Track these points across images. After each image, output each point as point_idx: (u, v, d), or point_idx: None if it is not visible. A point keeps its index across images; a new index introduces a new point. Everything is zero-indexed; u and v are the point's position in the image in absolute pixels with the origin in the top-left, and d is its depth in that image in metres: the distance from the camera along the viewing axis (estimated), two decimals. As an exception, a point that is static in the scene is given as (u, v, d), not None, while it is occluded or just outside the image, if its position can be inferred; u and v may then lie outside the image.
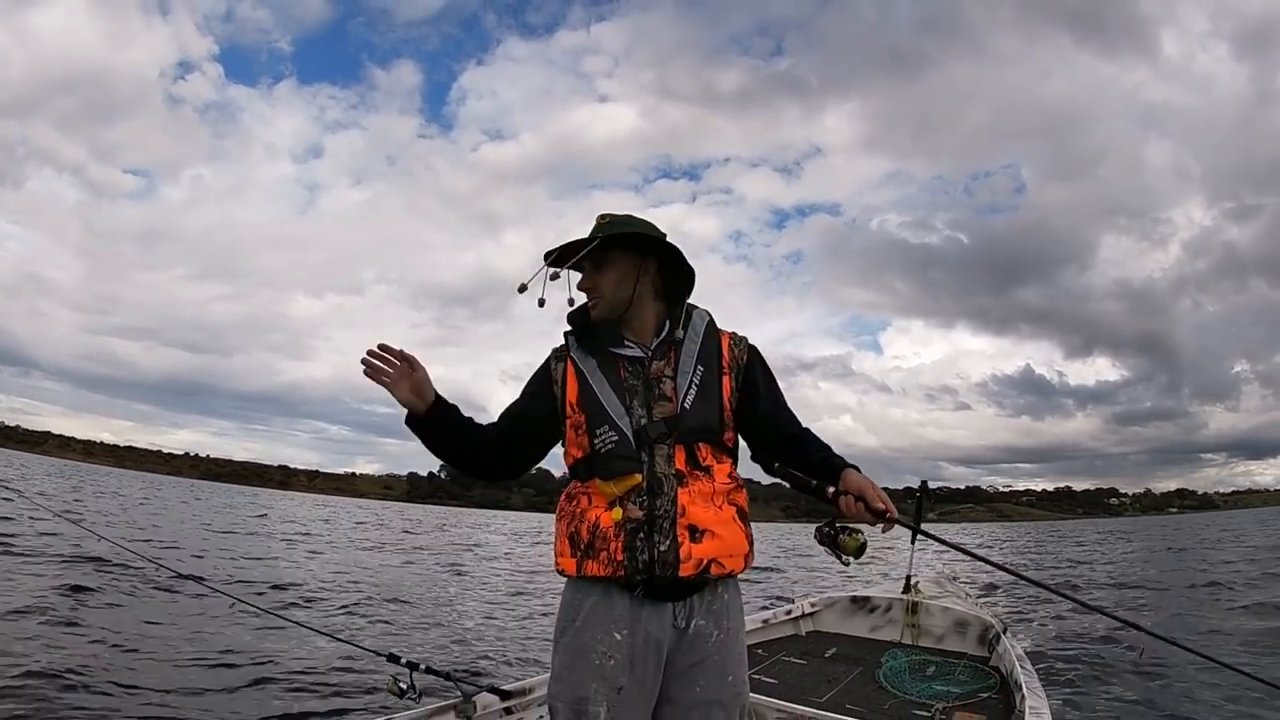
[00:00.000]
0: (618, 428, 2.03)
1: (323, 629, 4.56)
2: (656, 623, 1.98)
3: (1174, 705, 5.97)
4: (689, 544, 1.97)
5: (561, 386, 2.12)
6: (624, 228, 2.11)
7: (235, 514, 33.28)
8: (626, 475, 1.99)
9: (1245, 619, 9.92)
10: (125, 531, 16.85)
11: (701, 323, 2.20)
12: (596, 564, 1.99)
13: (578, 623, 2.01)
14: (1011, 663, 4.22)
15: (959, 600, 5.48)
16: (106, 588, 8.69)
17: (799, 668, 4.58)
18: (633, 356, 2.12)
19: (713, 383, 2.12)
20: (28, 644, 6.02)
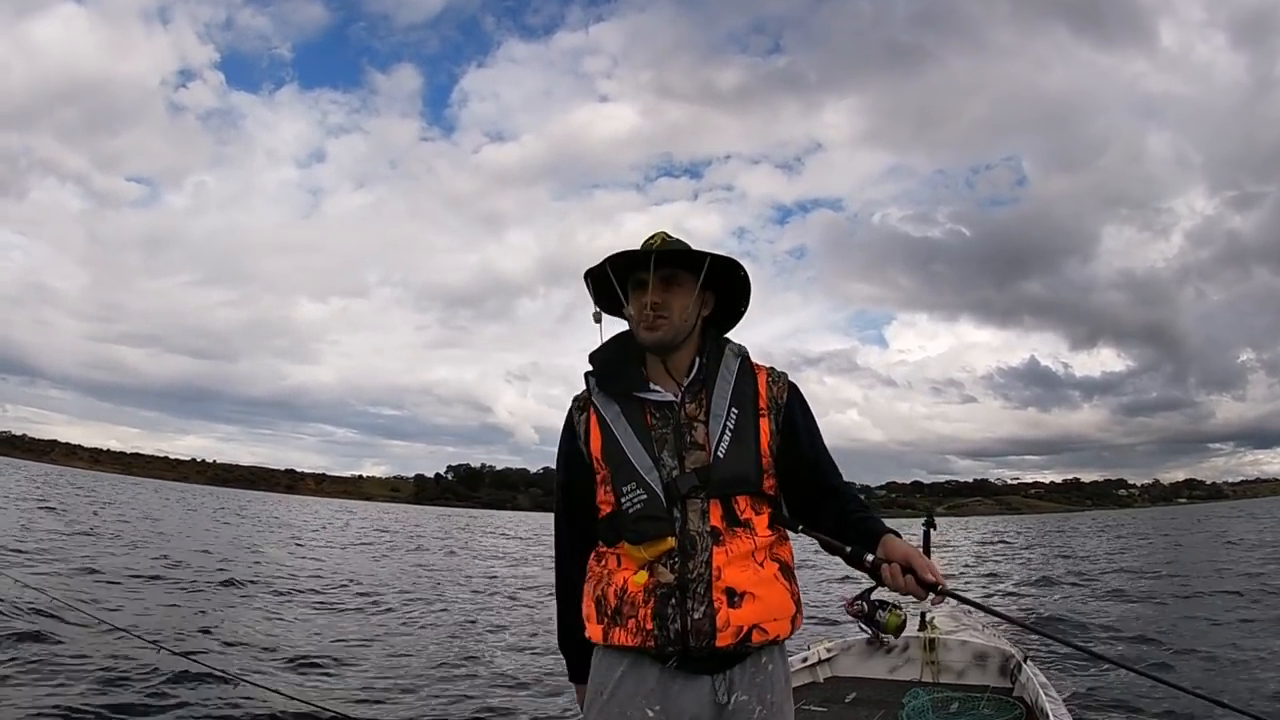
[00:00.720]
0: (646, 484, 1.82)
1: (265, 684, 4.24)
2: (693, 698, 1.80)
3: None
4: (726, 609, 1.77)
5: (585, 440, 1.94)
6: (695, 250, 1.90)
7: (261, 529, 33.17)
8: (658, 539, 1.79)
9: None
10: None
11: (735, 359, 1.97)
12: (624, 632, 1.80)
13: (605, 695, 1.83)
14: (1035, 692, 4.14)
15: (976, 632, 5.39)
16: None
17: (820, 716, 4.48)
18: (660, 401, 1.91)
19: (748, 426, 1.89)
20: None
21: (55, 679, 5.95)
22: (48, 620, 7.48)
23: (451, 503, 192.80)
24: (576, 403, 2.01)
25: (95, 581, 10.86)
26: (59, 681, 5.89)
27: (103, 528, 21.01)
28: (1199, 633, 9.67)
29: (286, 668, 7.26)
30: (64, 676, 6.01)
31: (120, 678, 6.07)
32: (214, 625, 8.77)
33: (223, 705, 5.68)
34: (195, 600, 10.57)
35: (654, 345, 1.91)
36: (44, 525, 18.83)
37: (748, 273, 1.96)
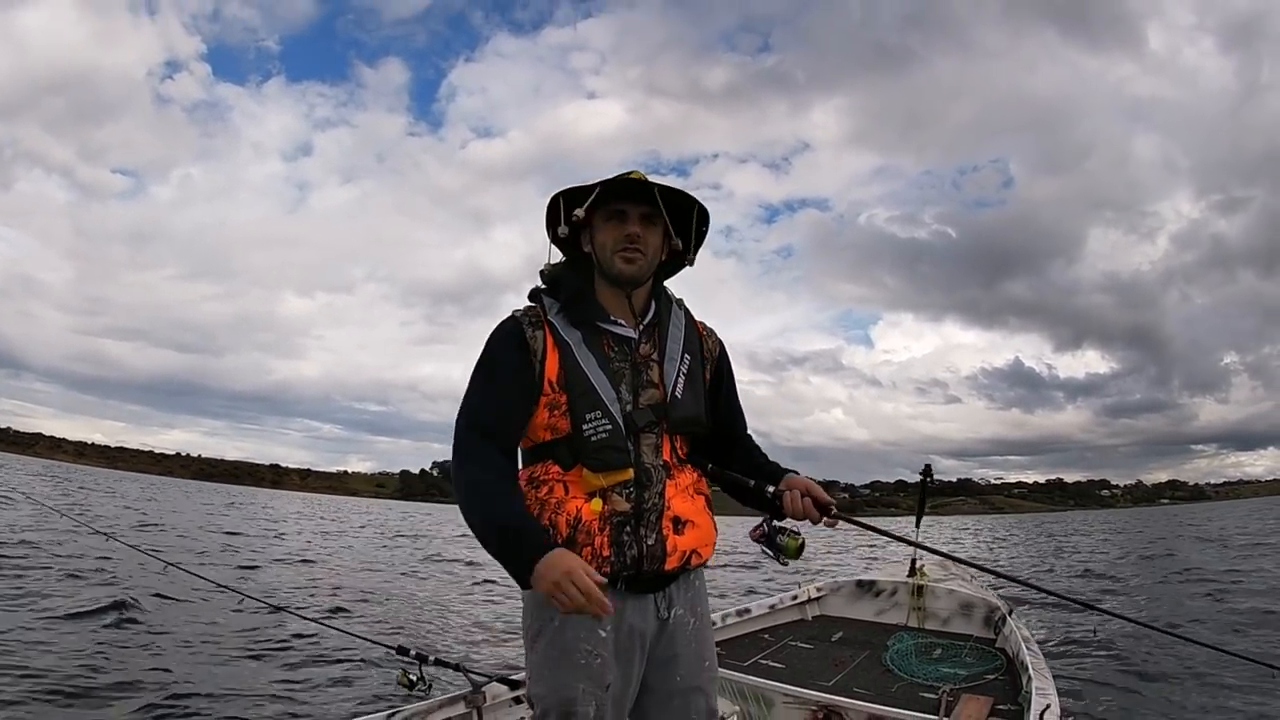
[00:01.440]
0: (610, 415, 1.87)
1: (325, 621, 4.57)
2: (640, 616, 1.91)
3: (1175, 683, 6.03)
4: (674, 536, 1.91)
5: (541, 359, 1.89)
6: (687, 192, 1.94)
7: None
8: (620, 469, 1.87)
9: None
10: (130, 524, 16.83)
11: (680, 309, 2.10)
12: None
13: (556, 621, 1.84)
14: (1017, 644, 4.22)
15: (964, 583, 5.49)
16: (124, 590, 8.59)
17: (806, 652, 4.59)
18: (621, 335, 1.96)
19: (698, 372, 2.03)
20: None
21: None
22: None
23: (437, 499, 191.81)
24: (528, 318, 1.94)
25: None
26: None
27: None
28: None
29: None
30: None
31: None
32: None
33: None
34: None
35: (628, 278, 1.94)
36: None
37: (709, 221, 2.04)
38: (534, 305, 1.98)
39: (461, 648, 7.03)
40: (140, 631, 6.74)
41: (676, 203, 1.95)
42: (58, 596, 7.82)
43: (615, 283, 1.96)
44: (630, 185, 1.91)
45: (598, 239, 1.96)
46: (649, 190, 1.90)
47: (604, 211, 1.94)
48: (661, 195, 1.90)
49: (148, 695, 5.01)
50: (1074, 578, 14.33)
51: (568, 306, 1.95)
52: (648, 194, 1.90)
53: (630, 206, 1.92)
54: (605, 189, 1.91)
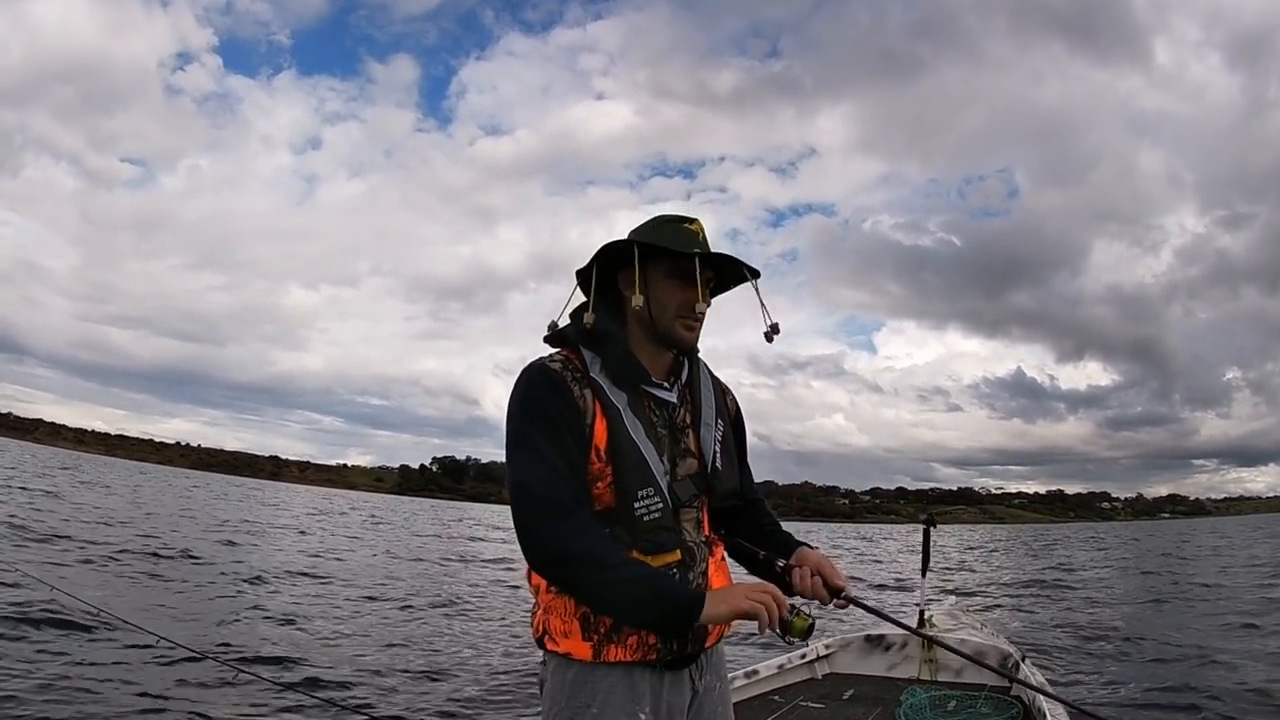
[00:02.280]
0: (661, 493, 1.71)
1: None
2: (677, 693, 1.79)
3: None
4: None
5: (590, 423, 1.69)
6: (756, 270, 1.82)
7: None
8: (670, 550, 1.72)
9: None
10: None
11: (706, 368, 1.95)
12: (622, 649, 1.69)
13: (594, 709, 1.69)
14: (1033, 691, 4.11)
15: (974, 631, 5.37)
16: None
17: (817, 712, 4.44)
18: (662, 399, 1.80)
19: (730, 438, 1.91)
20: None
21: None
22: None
23: (435, 494, 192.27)
24: (569, 370, 1.74)
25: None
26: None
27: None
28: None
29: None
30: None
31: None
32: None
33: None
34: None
35: (687, 346, 1.81)
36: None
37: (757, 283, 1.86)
38: (568, 356, 1.78)
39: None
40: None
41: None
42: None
43: (664, 345, 1.80)
44: (711, 257, 1.76)
45: (657, 297, 1.76)
46: (725, 262, 1.78)
47: (665, 267, 1.76)
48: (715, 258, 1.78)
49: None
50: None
51: (613, 365, 1.75)
52: (713, 260, 1.77)
53: (707, 271, 1.77)
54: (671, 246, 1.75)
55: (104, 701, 5.35)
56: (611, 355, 1.76)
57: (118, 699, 5.43)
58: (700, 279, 1.72)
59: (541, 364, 1.75)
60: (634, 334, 1.80)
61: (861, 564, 24.32)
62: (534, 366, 1.75)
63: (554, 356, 1.77)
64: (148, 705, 5.40)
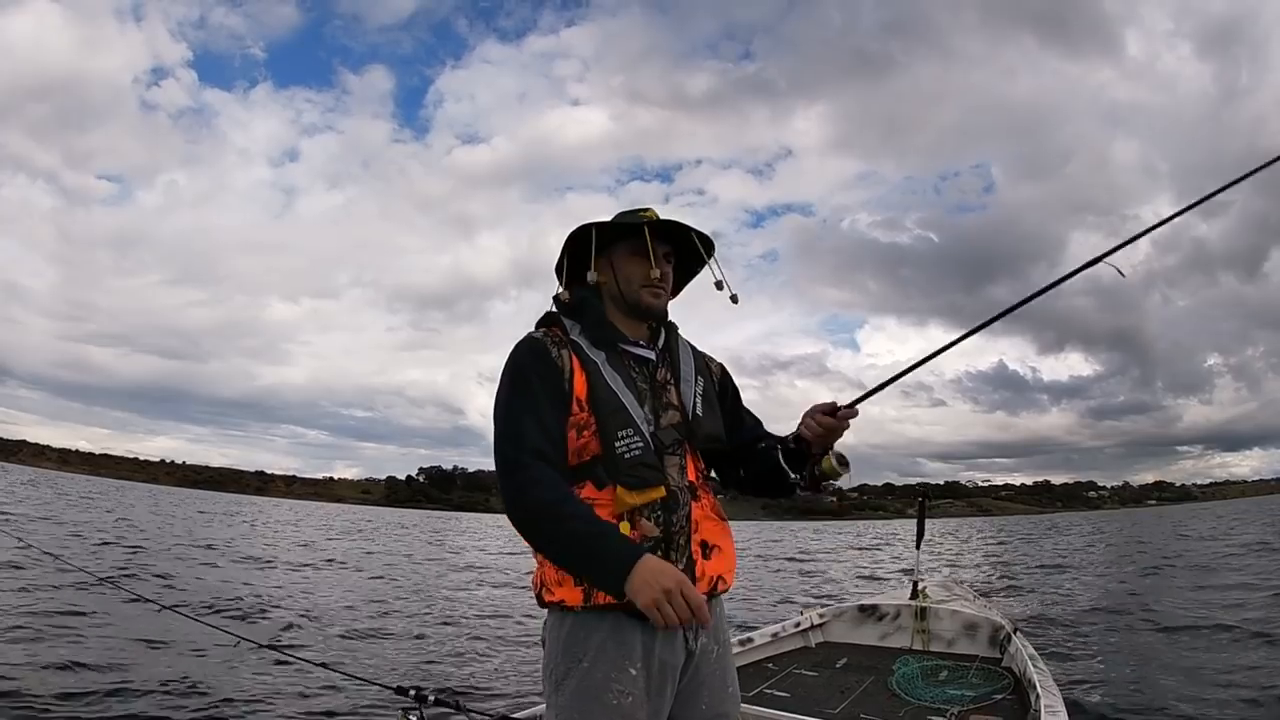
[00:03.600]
0: (641, 433, 1.85)
1: (323, 661, 4.33)
2: (670, 650, 1.84)
3: (1180, 691, 6.01)
4: (703, 562, 1.88)
5: (569, 378, 1.87)
6: (710, 240, 2.04)
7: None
8: (654, 486, 1.82)
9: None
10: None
11: (683, 336, 2.14)
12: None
13: (585, 662, 1.78)
14: (1024, 663, 4.19)
15: (967, 603, 5.45)
16: (88, 614, 8.09)
17: (811, 680, 4.51)
18: (641, 356, 1.99)
19: (711, 393, 2.09)
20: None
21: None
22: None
23: (423, 505, 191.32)
24: (550, 337, 1.93)
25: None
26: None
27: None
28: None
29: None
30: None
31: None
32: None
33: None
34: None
35: (656, 313, 2.01)
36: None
37: (714, 254, 2.08)
38: (551, 328, 1.99)
39: (461, 685, 6.53)
40: (96, 668, 6.24)
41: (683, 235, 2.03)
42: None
43: (638, 315, 2.01)
44: (664, 227, 1.98)
45: (622, 273, 1.99)
46: (677, 232, 2.00)
47: (628, 246, 1.99)
48: (672, 229, 2.00)
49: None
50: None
51: (591, 328, 1.96)
52: (669, 232, 2.00)
53: (658, 245, 1.97)
54: (629, 226, 1.97)
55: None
56: (588, 320, 1.97)
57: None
58: (653, 249, 1.95)
59: (526, 336, 1.95)
60: (610, 308, 2.01)
61: (860, 578, 24.37)
62: (520, 341, 1.94)
63: (538, 330, 1.99)
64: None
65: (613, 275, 2.00)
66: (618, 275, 1.99)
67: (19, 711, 4.94)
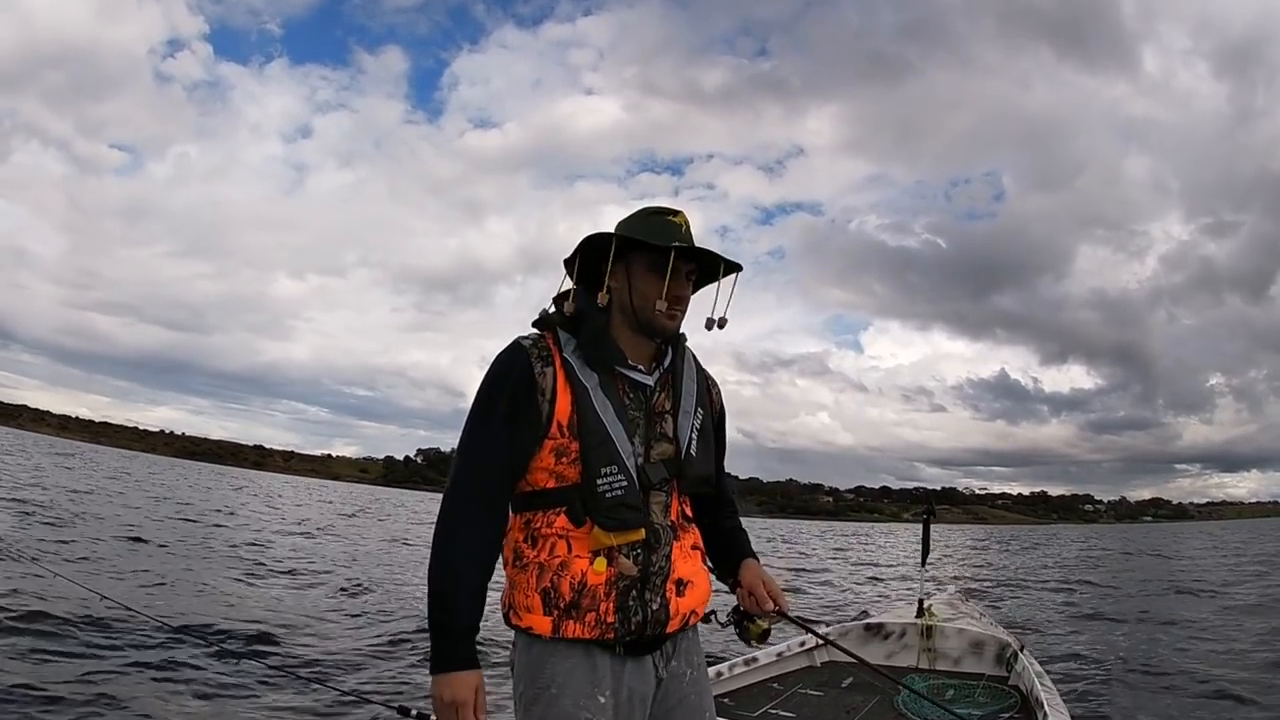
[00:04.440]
0: (626, 471, 1.75)
1: (322, 679, 4.21)
2: (640, 679, 1.82)
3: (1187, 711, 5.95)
4: (676, 599, 1.82)
5: (550, 400, 1.74)
6: (733, 261, 1.85)
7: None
8: (631, 529, 1.76)
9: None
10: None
11: (692, 356, 1.99)
12: (580, 625, 1.73)
13: (553, 689, 1.73)
14: (1031, 681, 4.16)
15: (974, 620, 5.40)
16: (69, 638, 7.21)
17: (816, 699, 4.47)
18: (637, 381, 1.84)
19: (709, 429, 1.95)
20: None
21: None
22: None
23: (420, 486, 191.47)
24: (535, 350, 1.78)
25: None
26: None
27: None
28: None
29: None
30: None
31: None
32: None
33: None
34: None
35: (669, 334, 1.86)
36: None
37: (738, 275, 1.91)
38: (543, 336, 1.83)
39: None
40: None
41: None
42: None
43: (647, 333, 1.85)
44: (698, 251, 1.81)
45: (638, 287, 1.81)
46: (705, 256, 1.82)
47: (648, 258, 1.80)
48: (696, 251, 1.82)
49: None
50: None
51: (587, 346, 1.80)
52: (691, 254, 1.81)
53: (682, 264, 1.81)
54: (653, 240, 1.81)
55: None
56: (585, 337, 1.80)
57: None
58: (673, 271, 1.78)
59: (514, 343, 1.81)
60: (617, 321, 1.85)
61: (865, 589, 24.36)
62: (506, 347, 1.81)
63: (529, 336, 1.83)
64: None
65: (627, 285, 1.82)
66: (632, 288, 1.81)
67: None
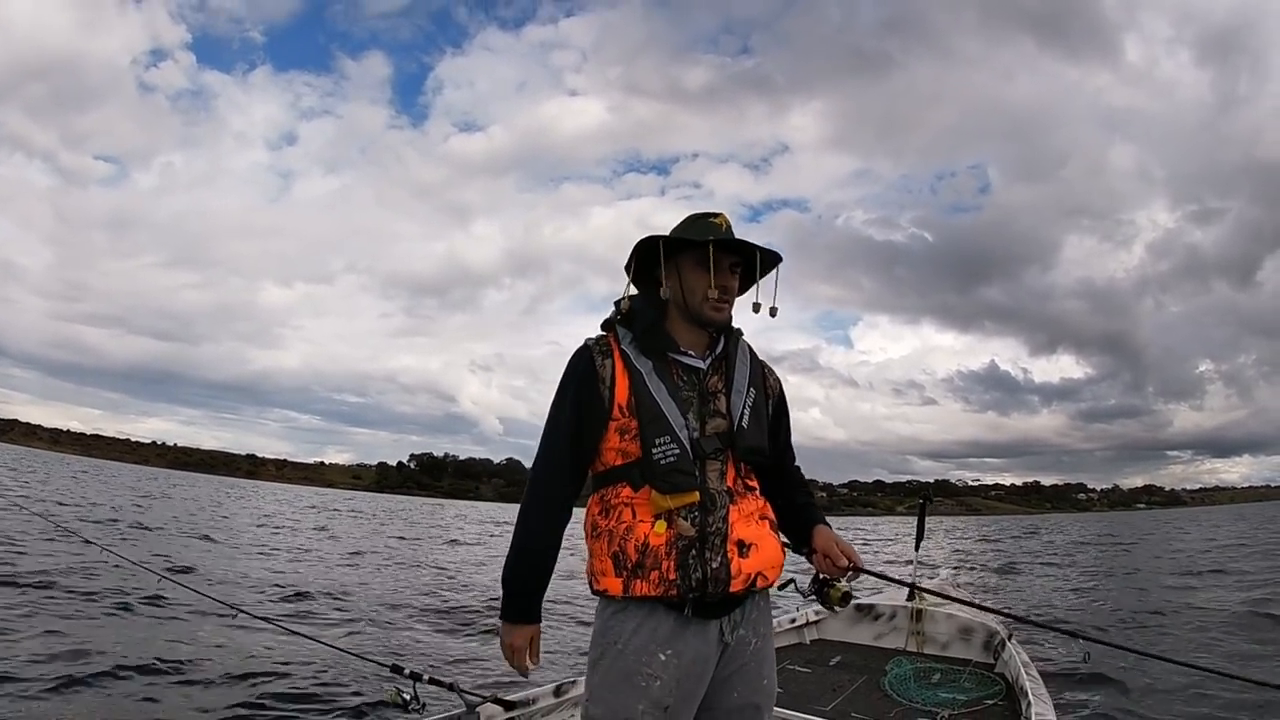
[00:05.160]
0: (679, 440, 1.96)
1: (321, 638, 4.40)
2: (703, 641, 1.97)
3: (1172, 704, 6.04)
4: (738, 560, 1.97)
5: (610, 386, 2.00)
6: (775, 251, 2.08)
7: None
8: (686, 491, 1.95)
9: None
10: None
11: (746, 345, 2.20)
12: (646, 584, 1.92)
13: (619, 645, 1.94)
14: (1017, 669, 4.22)
15: (964, 606, 5.37)
16: (84, 592, 8.23)
17: (804, 676, 4.56)
18: (690, 365, 2.07)
19: (762, 406, 2.14)
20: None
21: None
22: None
23: (413, 491, 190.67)
24: (598, 346, 2.05)
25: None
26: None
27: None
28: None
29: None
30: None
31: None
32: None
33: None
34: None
35: (718, 325, 2.09)
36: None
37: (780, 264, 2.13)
38: (605, 335, 2.10)
39: (452, 667, 6.71)
40: (76, 640, 6.26)
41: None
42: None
43: (700, 324, 2.09)
44: (740, 243, 2.05)
45: (687, 283, 2.07)
46: (743, 247, 2.05)
47: (693, 256, 2.06)
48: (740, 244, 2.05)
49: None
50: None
51: (641, 337, 2.05)
52: (731, 246, 2.05)
53: (724, 256, 2.04)
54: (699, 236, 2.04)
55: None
56: (639, 329, 2.05)
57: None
58: (715, 263, 2.02)
59: (581, 345, 2.09)
60: (673, 315, 2.10)
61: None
62: (576, 349, 2.09)
63: (594, 337, 2.10)
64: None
65: (679, 283, 2.07)
66: (683, 283, 2.07)
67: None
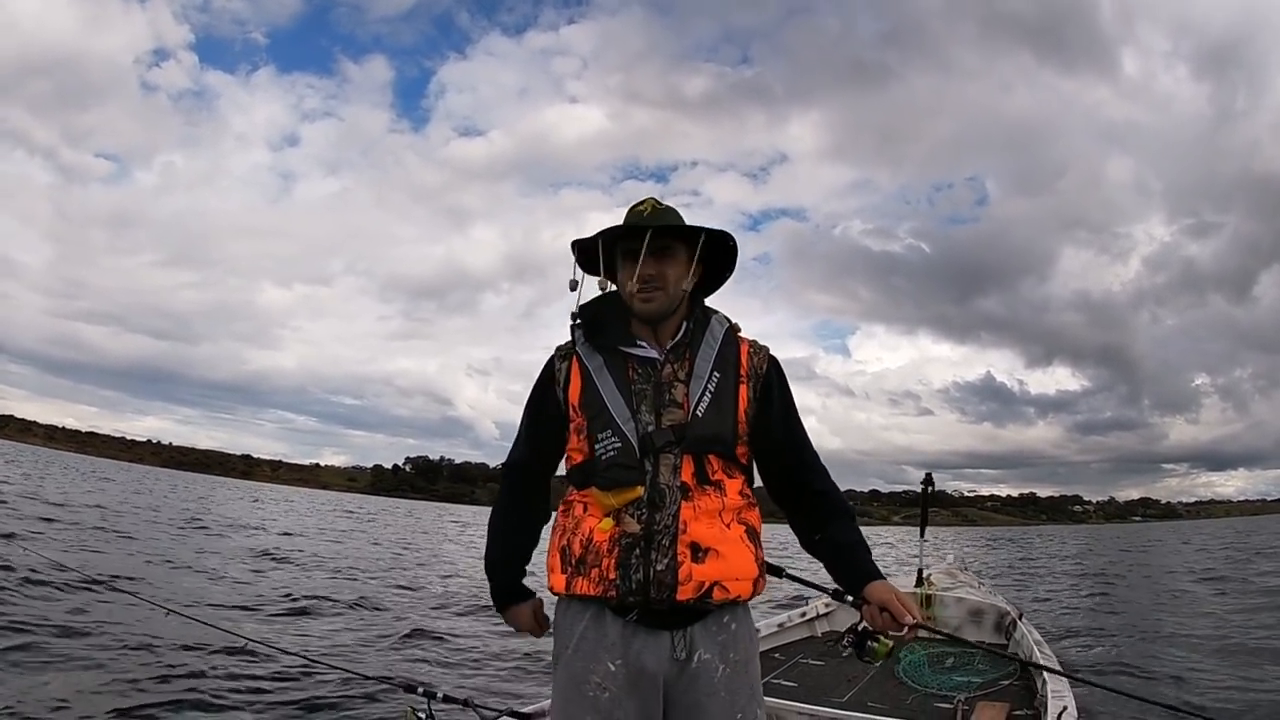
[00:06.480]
0: (621, 434, 1.85)
1: (330, 660, 4.20)
2: (652, 654, 1.81)
3: (1186, 681, 6.04)
4: (690, 564, 1.79)
5: (565, 387, 1.96)
6: (690, 225, 1.95)
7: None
8: (627, 487, 1.82)
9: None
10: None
11: (720, 327, 2.03)
12: (586, 581, 1.82)
13: (570, 649, 1.86)
14: (1030, 648, 4.24)
15: (972, 589, 5.45)
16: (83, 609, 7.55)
17: (817, 669, 4.51)
18: (644, 357, 1.95)
19: (728, 390, 1.95)
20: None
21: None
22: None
23: (408, 495, 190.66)
24: (559, 351, 2.02)
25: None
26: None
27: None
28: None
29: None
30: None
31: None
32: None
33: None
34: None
35: (648, 316, 1.95)
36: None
37: (736, 242, 2.00)
38: (569, 341, 2.03)
39: (468, 682, 6.26)
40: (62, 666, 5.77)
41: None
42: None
43: (637, 316, 1.98)
44: (631, 228, 1.92)
45: (619, 279, 1.98)
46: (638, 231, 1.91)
47: (620, 249, 1.95)
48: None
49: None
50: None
51: (589, 334, 1.98)
52: (658, 231, 1.91)
53: (640, 245, 1.89)
54: (613, 229, 1.94)
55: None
56: (588, 327, 1.98)
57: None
58: (629, 253, 1.91)
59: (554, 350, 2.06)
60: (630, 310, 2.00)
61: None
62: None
63: (563, 343, 2.04)
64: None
65: (615, 280, 2.00)
66: (618, 279, 1.99)
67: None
